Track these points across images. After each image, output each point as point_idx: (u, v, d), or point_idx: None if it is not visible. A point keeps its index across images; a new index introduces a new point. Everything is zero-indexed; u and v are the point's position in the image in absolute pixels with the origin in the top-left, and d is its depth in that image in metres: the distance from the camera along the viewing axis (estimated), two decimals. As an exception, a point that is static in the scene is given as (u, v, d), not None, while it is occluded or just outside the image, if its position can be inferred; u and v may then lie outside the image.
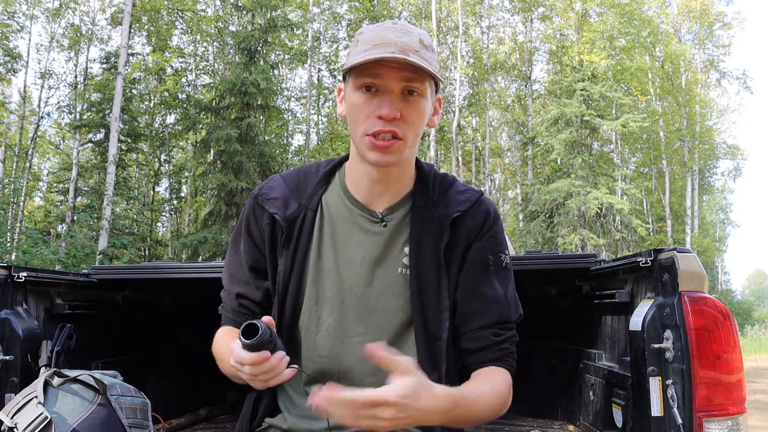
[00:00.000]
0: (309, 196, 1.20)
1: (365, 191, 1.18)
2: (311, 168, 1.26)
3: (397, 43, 1.06)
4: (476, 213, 1.20)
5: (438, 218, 1.17)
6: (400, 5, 22.10)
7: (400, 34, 1.08)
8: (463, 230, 1.18)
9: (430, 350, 1.14)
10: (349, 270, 1.17)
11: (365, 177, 1.17)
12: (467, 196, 1.21)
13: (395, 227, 1.18)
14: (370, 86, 1.08)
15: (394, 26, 1.10)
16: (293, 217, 1.18)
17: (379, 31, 1.09)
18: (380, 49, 1.05)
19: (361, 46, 1.08)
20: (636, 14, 21.57)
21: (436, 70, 1.10)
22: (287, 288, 1.17)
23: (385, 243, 1.17)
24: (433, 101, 1.16)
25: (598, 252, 15.09)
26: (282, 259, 1.18)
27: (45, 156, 23.86)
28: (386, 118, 1.06)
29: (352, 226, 1.18)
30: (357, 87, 1.09)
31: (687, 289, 1.40)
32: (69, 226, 13.93)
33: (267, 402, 1.19)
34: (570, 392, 2.22)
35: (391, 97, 1.07)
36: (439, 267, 1.15)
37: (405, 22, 1.13)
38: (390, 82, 1.07)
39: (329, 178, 1.24)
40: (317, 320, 1.17)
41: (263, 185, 1.25)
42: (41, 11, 18.98)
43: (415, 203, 1.19)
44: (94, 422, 1.43)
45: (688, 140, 22.98)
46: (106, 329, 2.11)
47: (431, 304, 1.15)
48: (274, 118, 18.13)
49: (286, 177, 1.25)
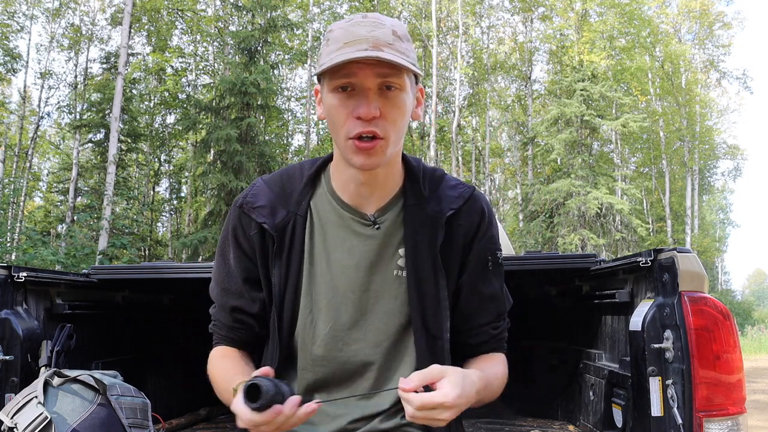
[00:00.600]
0: (296, 201, 1.16)
1: (354, 194, 1.14)
2: (294, 170, 1.21)
3: (368, 38, 1.01)
4: (471, 211, 1.17)
5: (431, 216, 1.14)
6: (400, 5, 22.08)
7: (371, 28, 1.02)
8: (459, 229, 1.16)
9: (431, 350, 1.12)
10: (344, 276, 1.13)
11: (352, 180, 1.13)
12: (459, 191, 1.17)
13: (388, 229, 1.15)
14: (345, 86, 1.03)
15: (364, 20, 1.04)
16: (283, 225, 1.14)
17: (348, 27, 1.03)
18: (351, 47, 1.00)
19: (332, 46, 1.03)
20: (636, 14, 21.57)
21: (413, 62, 1.05)
22: (284, 298, 1.14)
23: (379, 246, 1.14)
24: (414, 93, 1.11)
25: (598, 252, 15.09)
26: (276, 269, 1.14)
27: (45, 156, 23.87)
28: (365, 119, 1.02)
29: (344, 231, 1.15)
30: (332, 89, 1.04)
31: (687, 289, 1.39)
32: (69, 226, 13.93)
33: None
34: (570, 392, 2.22)
35: (368, 96, 1.02)
36: (435, 266, 1.13)
37: (377, 14, 1.07)
38: (365, 80, 1.02)
39: (315, 181, 1.19)
40: (313, 329, 1.14)
41: (246, 192, 1.19)
42: (41, 11, 18.99)
43: (406, 202, 1.15)
44: (94, 422, 1.43)
45: (688, 140, 22.98)
46: (106, 329, 2.11)
47: (430, 304, 1.12)
48: (274, 118, 18.13)
49: (270, 182, 1.19)
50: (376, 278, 1.14)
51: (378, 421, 1.14)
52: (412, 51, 1.08)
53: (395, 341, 1.14)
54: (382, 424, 1.14)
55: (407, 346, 1.14)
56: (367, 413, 1.13)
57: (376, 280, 1.14)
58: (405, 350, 1.14)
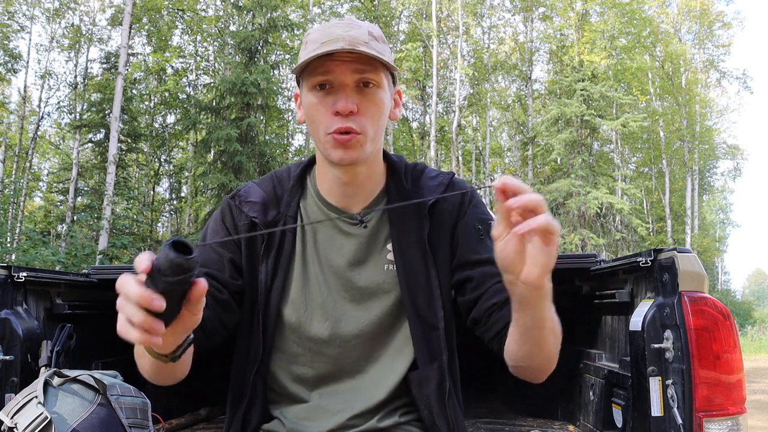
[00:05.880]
0: (286, 203, 1.18)
1: (338, 195, 1.17)
2: (283, 173, 1.24)
3: (344, 37, 1.03)
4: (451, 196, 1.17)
5: (415, 208, 1.16)
6: (400, 5, 22.09)
7: (348, 28, 1.05)
8: (442, 215, 1.16)
9: (428, 341, 1.14)
10: (336, 275, 1.16)
11: (335, 181, 1.15)
12: (439, 180, 1.20)
13: (375, 226, 1.17)
14: (323, 84, 1.06)
15: (341, 22, 1.08)
16: (273, 224, 1.16)
17: (325, 29, 1.06)
18: (328, 45, 1.02)
19: (310, 47, 1.05)
20: (636, 14, 21.57)
21: (390, 60, 1.07)
22: (269, 295, 1.15)
23: (367, 243, 1.16)
24: (392, 93, 1.14)
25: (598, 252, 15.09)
26: (263, 266, 1.15)
27: (45, 156, 23.88)
28: (343, 113, 1.04)
29: (333, 231, 1.17)
30: (311, 87, 1.07)
31: (687, 289, 1.39)
32: (69, 226, 13.93)
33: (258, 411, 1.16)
34: (570, 392, 2.22)
35: (345, 92, 1.05)
36: (425, 257, 1.14)
37: (352, 17, 1.11)
38: (342, 76, 1.04)
39: (302, 183, 1.22)
40: (309, 328, 1.15)
41: (238, 190, 1.22)
42: (41, 11, 19.00)
43: (390, 199, 1.18)
44: (94, 422, 1.43)
45: (688, 140, 22.99)
46: (106, 329, 2.10)
47: (423, 295, 1.14)
48: (275, 118, 18.15)
49: (261, 183, 1.22)
50: (367, 275, 1.16)
51: (376, 420, 1.14)
52: (389, 52, 1.11)
53: (392, 334, 1.16)
54: (381, 423, 1.14)
55: (403, 338, 1.16)
56: (367, 407, 1.14)
57: (367, 276, 1.16)
58: (401, 342, 1.16)
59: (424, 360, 1.14)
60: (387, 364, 1.16)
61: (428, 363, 1.14)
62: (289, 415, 1.16)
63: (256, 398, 1.15)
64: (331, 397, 1.16)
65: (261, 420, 1.16)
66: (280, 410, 1.18)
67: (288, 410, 1.17)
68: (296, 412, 1.16)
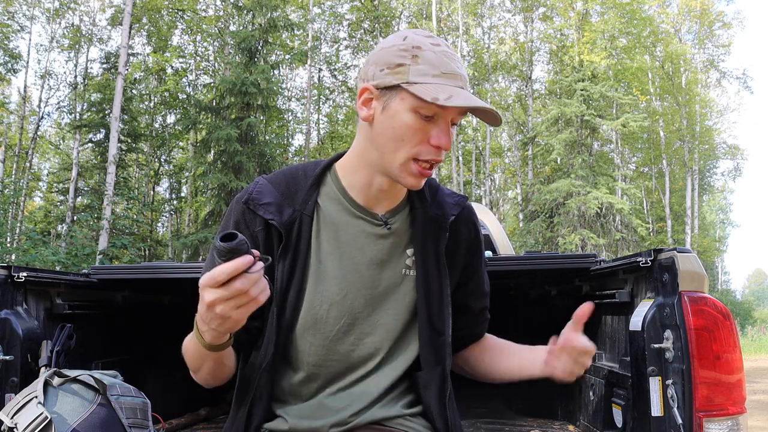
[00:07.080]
0: (303, 200, 1.17)
1: (369, 196, 1.18)
2: (297, 170, 1.23)
3: (462, 75, 1.07)
4: (467, 221, 1.28)
5: (435, 219, 1.21)
6: (401, 5, 22.10)
7: (458, 63, 1.08)
8: (459, 235, 1.25)
9: (434, 346, 1.18)
10: (357, 274, 1.17)
11: (374, 186, 1.17)
12: (456, 200, 1.27)
13: (398, 229, 1.20)
14: (432, 115, 1.07)
15: (449, 51, 1.09)
16: (290, 223, 1.15)
17: (441, 55, 1.07)
18: (451, 80, 1.05)
19: (425, 67, 1.05)
20: (636, 14, 21.58)
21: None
22: (287, 294, 1.15)
23: (389, 245, 1.19)
24: None
25: (598, 252, 15.10)
26: (280, 266, 1.15)
27: (45, 156, 23.89)
28: (446, 149, 1.08)
29: (356, 230, 1.18)
30: (414, 110, 1.06)
31: (687, 289, 1.40)
32: (69, 226, 13.93)
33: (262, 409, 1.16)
34: (570, 392, 2.22)
35: (448, 128, 1.09)
36: (440, 266, 1.20)
37: (445, 42, 1.12)
38: (451, 116, 1.08)
39: (321, 181, 1.21)
40: (325, 324, 1.16)
41: (251, 190, 1.18)
42: (41, 11, 19.00)
43: (413, 205, 1.22)
44: (94, 422, 1.43)
45: (688, 140, 22.99)
46: (106, 329, 2.11)
47: (436, 302, 1.19)
48: (275, 118, 18.13)
49: (274, 181, 1.20)
50: (386, 276, 1.19)
51: (378, 408, 1.16)
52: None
53: (401, 336, 1.20)
54: (382, 411, 1.16)
55: (412, 341, 1.20)
56: (368, 402, 1.16)
57: (385, 277, 1.19)
58: (409, 343, 1.20)
59: (429, 363, 1.18)
60: (392, 363, 1.19)
61: (433, 366, 1.18)
62: (292, 413, 1.17)
63: (262, 396, 1.16)
64: (336, 394, 1.17)
65: (264, 418, 1.17)
66: (284, 409, 1.18)
67: (291, 409, 1.18)
68: (299, 410, 1.17)
